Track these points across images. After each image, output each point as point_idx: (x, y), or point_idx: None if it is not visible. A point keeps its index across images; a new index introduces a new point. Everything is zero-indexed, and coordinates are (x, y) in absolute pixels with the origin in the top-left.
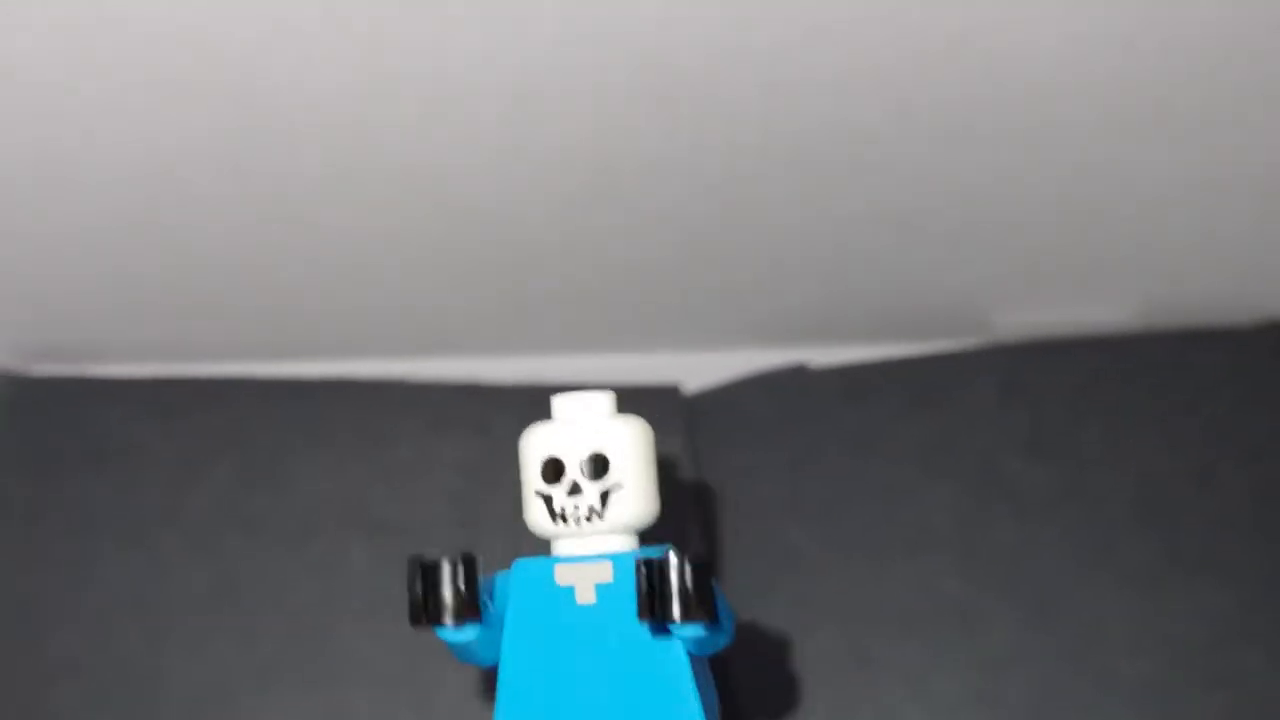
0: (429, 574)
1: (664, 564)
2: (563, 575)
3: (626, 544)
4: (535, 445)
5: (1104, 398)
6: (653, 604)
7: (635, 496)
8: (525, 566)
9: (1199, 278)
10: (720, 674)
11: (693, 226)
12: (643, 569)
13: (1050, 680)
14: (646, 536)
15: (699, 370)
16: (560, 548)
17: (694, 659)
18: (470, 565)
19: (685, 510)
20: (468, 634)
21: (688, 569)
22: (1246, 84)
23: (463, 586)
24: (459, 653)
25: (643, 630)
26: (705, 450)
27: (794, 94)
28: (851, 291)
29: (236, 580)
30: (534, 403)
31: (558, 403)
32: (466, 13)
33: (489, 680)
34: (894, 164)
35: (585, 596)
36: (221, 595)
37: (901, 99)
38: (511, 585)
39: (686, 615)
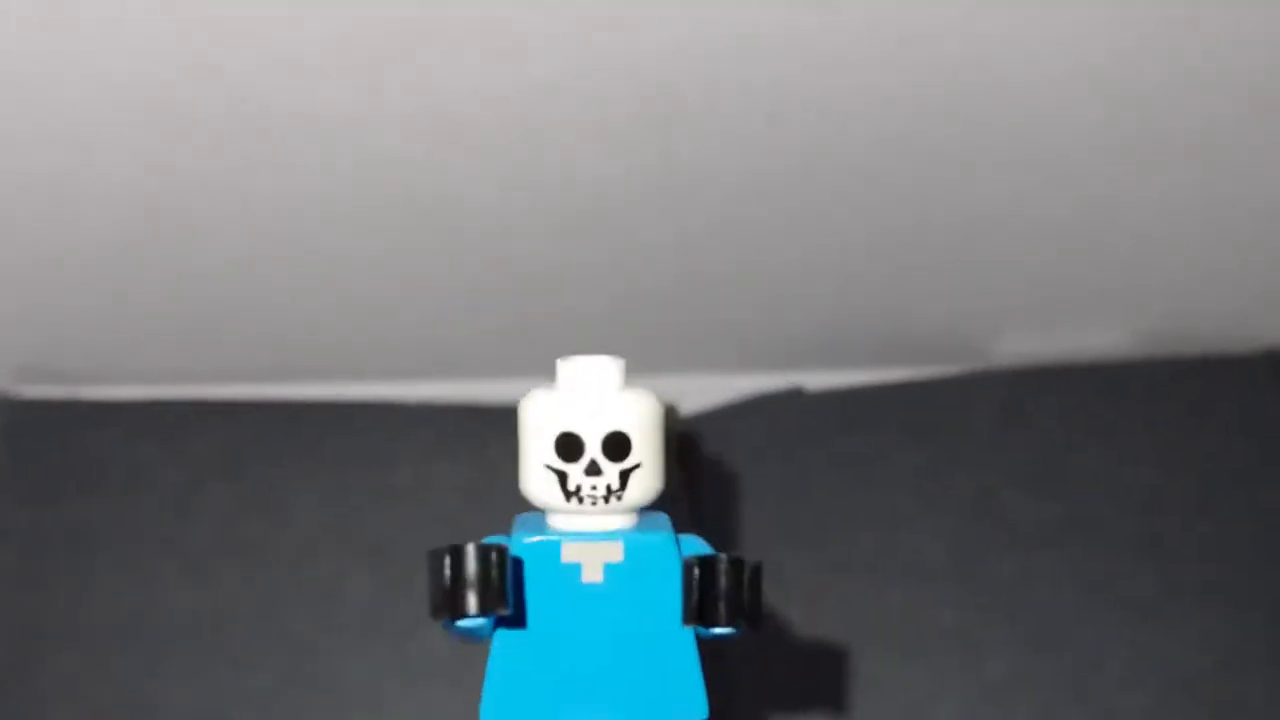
0: (456, 564)
1: (716, 566)
2: (569, 553)
3: (630, 519)
4: (544, 416)
5: (1102, 424)
6: (702, 607)
7: (651, 475)
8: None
9: (1197, 306)
10: (719, 699)
11: (692, 252)
12: (694, 571)
13: (1049, 708)
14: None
15: (695, 393)
16: (562, 522)
17: (700, 643)
18: (502, 555)
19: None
20: (488, 620)
21: (745, 574)
22: (1247, 116)
23: (494, 576)
24: (462, 637)
25: (649, 614)
26: (700, 473)
27: (794, 125)
28: (850, 316)
29: (234, 605)
30: None
31: (564, 367)
32: (469, 44)
33: None
34: (893, 192)
35: (592, 575)
36: (218, 619)
37: (902, 129)
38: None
39: (733, 621)
